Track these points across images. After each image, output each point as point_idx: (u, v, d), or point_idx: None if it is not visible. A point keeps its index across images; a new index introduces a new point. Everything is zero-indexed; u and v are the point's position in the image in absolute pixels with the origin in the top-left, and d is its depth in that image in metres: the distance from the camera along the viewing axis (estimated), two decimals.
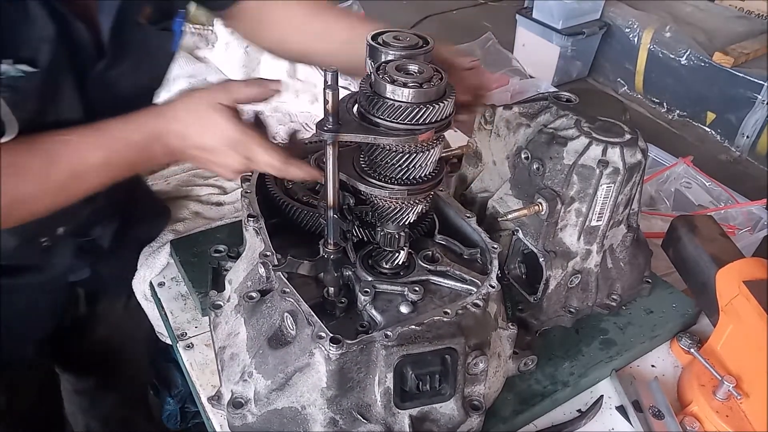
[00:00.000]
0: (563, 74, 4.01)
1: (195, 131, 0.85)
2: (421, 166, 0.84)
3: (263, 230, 0.94)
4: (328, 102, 0.75)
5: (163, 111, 0.87)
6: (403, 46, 0.88)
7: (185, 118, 0.85)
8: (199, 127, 0.85)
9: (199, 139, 0.85)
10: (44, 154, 0.81)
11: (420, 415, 0.85)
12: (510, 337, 0.93)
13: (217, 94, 0.85)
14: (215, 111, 0.83)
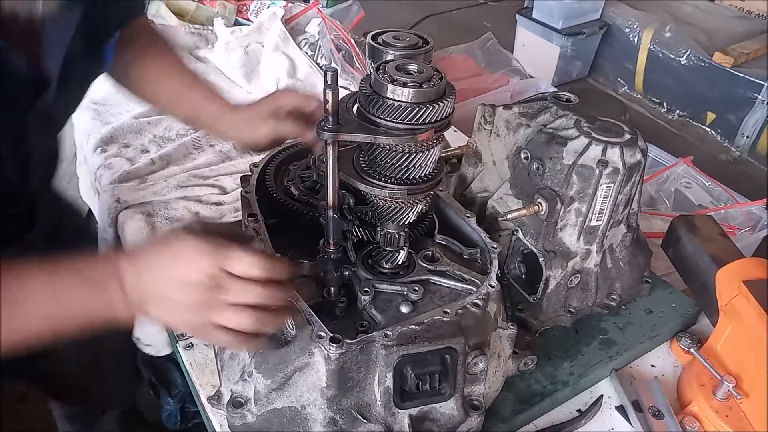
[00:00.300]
0: (563, 74, 4.01)
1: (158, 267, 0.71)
2: (421, 165, 0.84)
3: (263, 230, 0.94)
4: (328, 102, 0.75)
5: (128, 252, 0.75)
6: (402, 46, 0.88)
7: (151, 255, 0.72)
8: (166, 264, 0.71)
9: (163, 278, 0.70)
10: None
11: (420, 415, 0.85)
12: (510, 337, 0.93)
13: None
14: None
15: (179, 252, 0.70)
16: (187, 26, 2.01)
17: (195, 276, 0.68)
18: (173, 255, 0.70)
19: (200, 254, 0.69)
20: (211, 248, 0.69)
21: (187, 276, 0.69)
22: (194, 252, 0.69)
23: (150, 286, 0.70)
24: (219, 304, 0.70)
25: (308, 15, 2.07)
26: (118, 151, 1.52)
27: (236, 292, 0.70)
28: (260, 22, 2.03)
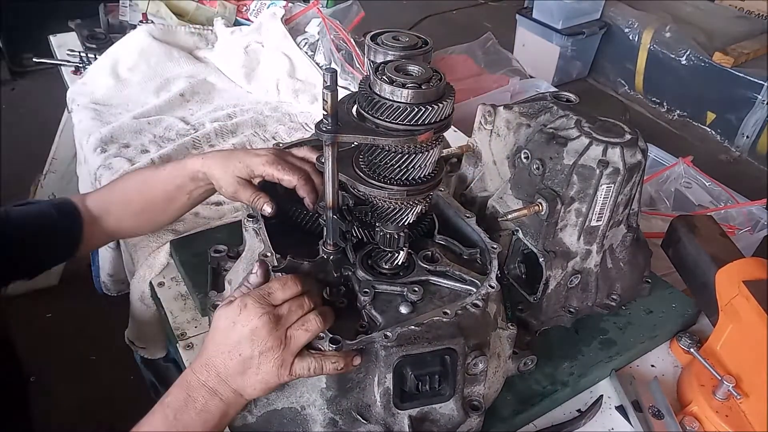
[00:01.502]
0: (563, 74, 4.01)
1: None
2: (421, 166, 0.84)
3: (263, 230, 0.94)
4: (327, 103, 0.75)
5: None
6: (401, 46, 0.88)
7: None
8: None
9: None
10: None
11: (419, 416, 0.85)
12: (509, 337, 0.93)
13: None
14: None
15: (229, 327, 0.77)
16: (187, 26, 2.01)
17: (256, 332, 0.75)
18: (227, 334, 0.77)
19: (246, 313, 0.76)
20: (246, 301, 0.77)
21: (251, 337, 0.75)
22: (237, 317, 0.76)
23: (234, 373, 0.76)
24: (289, 332, 0.77)
25: (308, 15, 2.06)
26: (118, 151, 1.52)
27: (292, 312, 0.78)
28: (260, 22, 2.02)
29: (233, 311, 0.77)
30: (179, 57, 1.88)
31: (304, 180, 0.98)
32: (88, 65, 1.91)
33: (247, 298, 0.77)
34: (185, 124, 1.67)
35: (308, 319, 0.78)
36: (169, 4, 2.03)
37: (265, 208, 0.97)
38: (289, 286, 0.79)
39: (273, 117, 1.74)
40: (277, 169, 0.98)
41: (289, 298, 0.78)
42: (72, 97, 1.76)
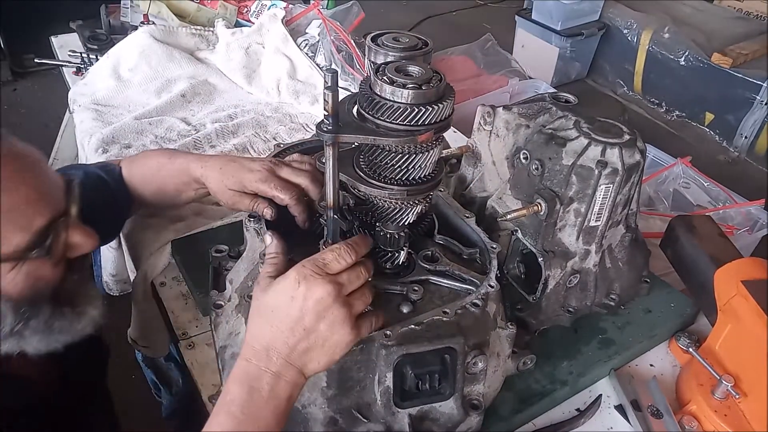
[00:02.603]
0: (562, 75, 4.02)
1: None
2: (421, 166, 0.84)
3: (264, 230, 0.94)
4: (328, 103, 0.75)
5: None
6: (401, 47, 0.89)
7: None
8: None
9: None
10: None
11: (420, 414, 0.86)
12: (509, 337, 0.94)
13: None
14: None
15: (287, 303, 0.73)
16: (188, 27, 2.02)
17: (321, 303, 0.72)
18: (286, 311, 0.73)
19: (306, 285, 0.72)
20: (304, 273, 0.73)
21: (316, 308, 0.72)
22: (296, 290, 0.73)
23: (299, 351, 0.73)
24: (347, 301, 0.74)
25: (309, 16, 2.07)
26: (120, 152, 1.53)
27: (351, 282, 0.75)
28: (261, 23, 2.03)
29: (290, 286, 0.72)
30: (180, 58, 1.89)
31: (296, 199, 0.98)
32: (89, 66, 1.92)
33: (305, 270, 0.73)
34: (186, 125, 1.67)
35: (365, 292, 0.77)
36: (170, 5, 2.04)
37: (265, 213, 0.98)
38: (344, 256, 0.75)
39: (274, 118, 1.74)
40: (269, 187, 0.98)
41: (345, 268, 0.75)
42: (73, 98, 1.77)
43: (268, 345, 0.73)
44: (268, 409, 0.72)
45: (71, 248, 0.79)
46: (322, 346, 0.73)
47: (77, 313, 0.82)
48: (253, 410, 0.71)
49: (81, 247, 0.80)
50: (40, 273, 0.76)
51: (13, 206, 0.72)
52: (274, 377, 0.72)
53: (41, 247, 0.74)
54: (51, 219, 0.75)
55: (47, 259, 0.76)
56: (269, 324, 0.73)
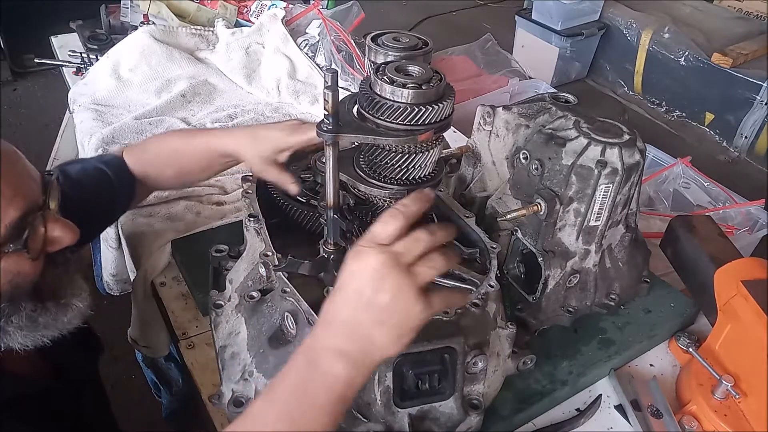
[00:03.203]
0: (562, 75, 4.02)
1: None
2: (421, 166, 0.84)
3: (264, 230, 0.94)
4: (328, 102, 0.75)
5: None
6: (401, 47, 0.89)
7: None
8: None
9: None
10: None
11: (419, 414, 0.86)
12: (509, 337, 0.94)
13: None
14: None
15: (348, 280, 0.68)
16: (188, 27, 2.02)
17: (377, 273, 0.66)
18: (346, 289, 0.68)
19: (359, 258, 0.68)
20: (356, 248, 0.69)
21: (373, 279, 0.66)
22: (352, 266, 0.68)
23: (365, 327, 0.67)
24: (413, 269, 0.67)
25: (309, 16, 2.07)
26: None
27: (410, 249, 0.68)
28: (261, 23, 2.03)
29: (347, 263, 0.68)
30: (180, 58, 1.89)
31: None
32: (89, 66, 1.92)
33: (356, 246, 0.68)
34: (186, 125, 1.67)
35: (432, 257, 0.68)
36: (170, 5, 2.04)
37: (290, 188, 1.00)
38: (389, 221, 0.68)
39: (274, 118, 1.74)
40: (302, 132, 1.01)
41: (396, 234, 0.68)
42: (73, 98, 1.77)
43: (332, 319, 0.69)
44: (320, 385, 0.66)
45: (51, 242, 0.78)
46: (387, 321, 0.66)
47: (62, 306, 0.80)
48: (306, 383, 0.67)
49: (61, 240, 0.78)
50: (18, 268, 0.74)
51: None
52: (334, 354, 0.67)
53: (17, 242, 0.73)
54: (25, 212, 0.73)
55: (25, 254, 0.74)
56: (331, 302, 0.69)
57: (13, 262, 0.74)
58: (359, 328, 0.67)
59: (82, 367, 1.01)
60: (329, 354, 0.67)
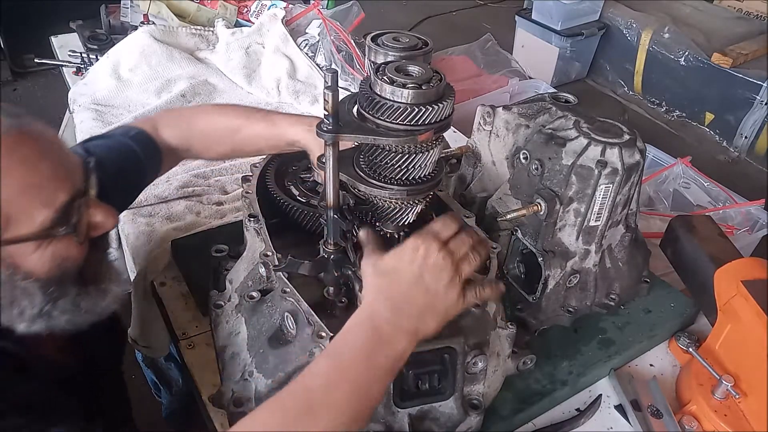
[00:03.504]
0: (562, 75, 4.02)
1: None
2: (421, 166, 0.84)
3: (264, 230, 0.94)
4: (328, 103, 0.75)
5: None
6: (401, 47, 0.89)
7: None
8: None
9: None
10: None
11: (419, 414, 0.86)
12: (509, 337, 0.94)
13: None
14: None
15: (407, 266, 0.77)
16: (188, 27, 2.02)
17: (437, 267, 0.76)
18: (405, 274, 0.76)
19: (424, 250, 0.77)
20: (420, 241, 0.78)
21: (434, 271, 0.76)
22: (415, 255, 0.77)
23: (419, 309, 0.76)
24: (458, 265, 0.78)
25: (309, 16, 2.07)
26: None
27: (459, 248, 0.79)
28: (261, 23, 2.03)
29: (410, 249, 0.77)
30: (180, 58, 1.89)
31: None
32: (89, 66, 1.92)
33: (422, 236, 0.78)
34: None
35: (470, 257, 0.79)
36: (170, 5, 2.04)
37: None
38: (449, 225, 0.80)
39: None
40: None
41: (452, 235, 0.79)
42: (73, 98, 1.77)
43: (392, 297, 0.76)
44: (384, 356, 0.73)
45: (94, 227, 0.80)
46: (436, 307, 0.76)
47: (101, 291, 0.83)
48: (373, 351, 0.73)
49: (103, 225, 0.81)
50: (67, 252, 0.77)
51: (35, 183, 0.72)
52: (394, 328, 0.74)
53: (67, 225, 0.75)
54: (72, 196, 0.76)
55: (73, 238, 0.77)
56: (391, 281, 0.77)
57: (63, 246, 0.76)
58: (416, 308, 0.75)
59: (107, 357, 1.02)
60: (393, 329, 0.74)
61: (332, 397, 0.70)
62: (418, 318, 0.76)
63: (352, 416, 0.71)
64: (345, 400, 0.71)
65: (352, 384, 0.71)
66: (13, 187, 0.71)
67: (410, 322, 0.75)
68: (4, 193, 0.70)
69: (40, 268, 0.75)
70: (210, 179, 1.50)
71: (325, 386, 0.71)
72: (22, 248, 0.73)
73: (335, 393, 0.71)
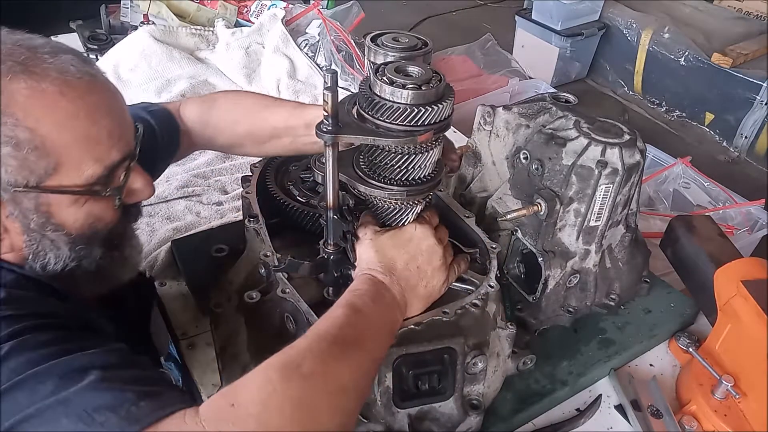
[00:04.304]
0: (562, 75, 4.01)
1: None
2: (421, 167, 0.84)
3: (264, 230, 0.94)
4: (328, 104, 0.75)
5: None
6: (401, 47, 0.89)
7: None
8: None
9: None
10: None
11: (419, 414, 0.86)
12: (509, 337, 0.94)
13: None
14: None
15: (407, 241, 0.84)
16: (188, 27, 2.02)
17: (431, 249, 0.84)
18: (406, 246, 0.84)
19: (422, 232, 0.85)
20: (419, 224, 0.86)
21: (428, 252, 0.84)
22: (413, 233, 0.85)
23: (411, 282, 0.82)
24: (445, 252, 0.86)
25: (309, 16, 2.07)
26: None
27: (444, 236, 0.88)
28: (261, 23, 2.03)
29: (408, 230, 0.84)
30: (180, 58, 1.89)
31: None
32: None
33: (418, 222, 0.85)
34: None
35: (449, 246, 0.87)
36: (170, 5, 2.04)
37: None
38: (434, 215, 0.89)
39: None
40: None
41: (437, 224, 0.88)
42: None
43: (391, 268, 0.81)
44: (385, 318, 0.77)
45: (131, 193, 0.78)
46: (425, 287, 0.83)
47: (124, 259, 0.82)
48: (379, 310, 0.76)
49: (141, 193, 0.79)
50: (101, 213, 0.75)
51: (94, 136, 0.71)
52: (392, 296, 0.79)
53: (114, 187, 0.74)
54: (123, 157, 0.74)
55: (112, 200, 0.75)
56: (389, 255, 0.82)
57: (100, 207, 0.74)
58: (408, 285, 0.82)
59: (137, 317, 1.01)
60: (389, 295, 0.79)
61: (361, 341, 0.72)
62: (409, 295, 0.81)
63: (376, 364, 0.74)
64: (368, 349, 0.72)
65: (373, 332, 0.74)
66: (73, 135, 0.69)
67: (402, 298, 0.80)
68: (63, 138, 0.68)
69: (72, 223, 0.73)
70: (210, 179, 1.50)
71: (360, 327, 0.73)
72: (60, 199, 0.71)
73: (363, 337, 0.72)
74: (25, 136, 0.67)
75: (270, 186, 1.06)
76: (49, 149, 0.68)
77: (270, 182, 1.06)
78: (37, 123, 0.67)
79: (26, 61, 0.68)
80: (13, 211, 0.70)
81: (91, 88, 0.71)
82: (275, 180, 1.07)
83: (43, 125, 0.67)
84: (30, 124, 0.67)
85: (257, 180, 1.05)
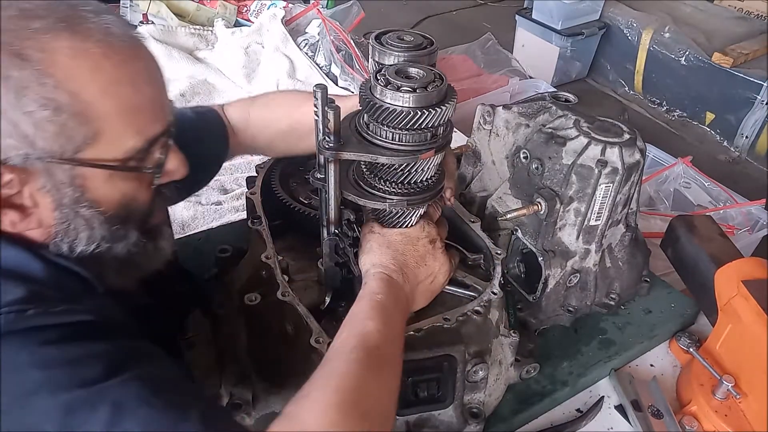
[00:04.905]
0: (562, 75, 4.01)
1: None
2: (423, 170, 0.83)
3: (266, 232, 0.94)
4: (329, 121, 0.74)
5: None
6: (406, 46, 0.88)
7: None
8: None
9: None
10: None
11: (418, 422, 0.85)
12: (512, 345, 0.92)
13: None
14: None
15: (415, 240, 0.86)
16: (187, 27, 2.02)
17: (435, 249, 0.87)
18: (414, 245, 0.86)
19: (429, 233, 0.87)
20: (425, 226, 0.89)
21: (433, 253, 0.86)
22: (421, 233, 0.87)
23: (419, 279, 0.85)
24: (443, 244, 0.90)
25: (308, 16, 2.07)
26: None
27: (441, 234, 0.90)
28: (260, 23, 2.03)
29: (416, 230, 0.86)
30: (180, 57, 1.89)
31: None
32: None
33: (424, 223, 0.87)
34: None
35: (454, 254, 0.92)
36: (169, 5, 2.04)
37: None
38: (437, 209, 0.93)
39: None
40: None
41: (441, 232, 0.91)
42: None
43: (402, 267, 0.83)
44: (402, 324, 0.79)
45: (166, 173, 0.73)
46: (431, 284, 0.85)
47: (156, 249, 0.76)
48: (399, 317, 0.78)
49: (174, 173, 0.74)
50: (136, 193, 0.70)
51: (137, 106, 0.65)
52: (405, 296, 0.81)
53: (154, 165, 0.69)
54: (164, 130, 0.69)
55: (147, 178, 0.70)
56: (400, 253, 0.83)
57: (134, 186, 0.69)
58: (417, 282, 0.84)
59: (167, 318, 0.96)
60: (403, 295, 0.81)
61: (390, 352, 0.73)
62: (417, 291, 0.83)
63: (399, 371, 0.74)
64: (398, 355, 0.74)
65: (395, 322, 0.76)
66: (116, 103, 0.63)
67: (411, 295, 0.83)
68: (105, 105, 0.62)
69: (107, 200, 0.67)
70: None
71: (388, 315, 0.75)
72: (96, 173, 0.65)
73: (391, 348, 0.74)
74: (66, 100, 0.60)
75: (274, 187, 1.05)
76: (90, 116, 0.62)
77: (274, 183, 1.05)
78: (79, 87, 0.61)
79: (69, 18, 0.61)
80: (46, 184, 0.63)
81: (136, 53, 0.66)
82: (279, 181, 1.06)
83: (85, 90, 0.61)
84: (72, 87, 0.61)
85: (262, 181, 1.04)
